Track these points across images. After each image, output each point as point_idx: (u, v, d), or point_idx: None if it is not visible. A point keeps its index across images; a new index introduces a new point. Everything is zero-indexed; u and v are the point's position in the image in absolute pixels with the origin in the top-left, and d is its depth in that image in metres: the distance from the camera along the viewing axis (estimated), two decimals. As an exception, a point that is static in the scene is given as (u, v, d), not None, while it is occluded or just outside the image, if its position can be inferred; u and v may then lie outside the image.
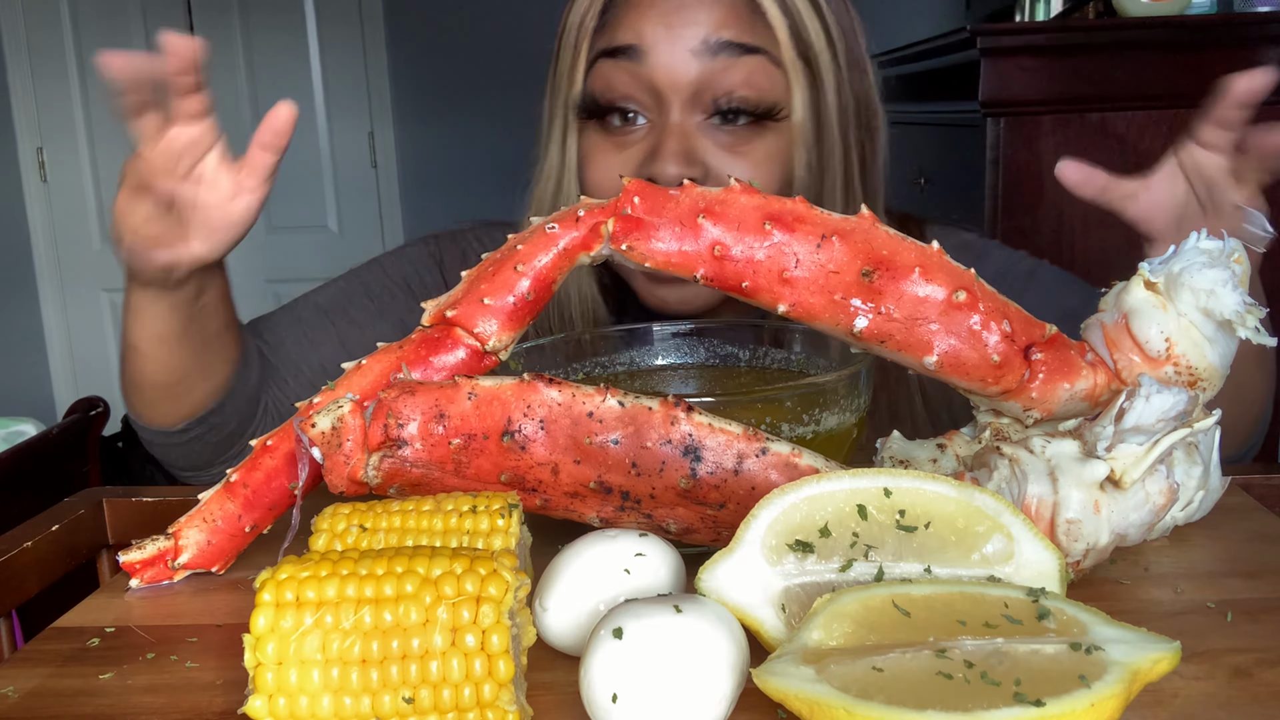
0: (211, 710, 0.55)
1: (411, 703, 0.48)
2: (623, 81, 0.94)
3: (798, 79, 0.95)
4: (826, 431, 0.71)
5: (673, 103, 0.94)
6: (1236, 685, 0.53)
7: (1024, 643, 0.47)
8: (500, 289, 0.67)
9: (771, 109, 0.94)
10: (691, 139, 0.94)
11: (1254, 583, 0.64)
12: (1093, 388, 0.66)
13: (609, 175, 0.97)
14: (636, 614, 0.50)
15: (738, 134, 0.94)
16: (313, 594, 0.48)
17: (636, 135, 0.96)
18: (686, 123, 0.94)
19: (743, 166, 0.94)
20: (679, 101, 0.94)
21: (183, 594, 0.70)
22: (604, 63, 0.96)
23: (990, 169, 1.96)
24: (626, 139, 0.96)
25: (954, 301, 0.63)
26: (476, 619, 0.48)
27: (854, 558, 0.55)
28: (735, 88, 0.92)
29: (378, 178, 4.00)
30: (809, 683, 0.45)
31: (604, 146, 0.97)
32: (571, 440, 0.60)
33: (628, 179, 0.66)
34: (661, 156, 0.92)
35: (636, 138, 0.96)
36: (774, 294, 0.64)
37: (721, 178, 0.92)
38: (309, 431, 0.61)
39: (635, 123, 0.96)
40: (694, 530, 0.63)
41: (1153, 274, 0.67)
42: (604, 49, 0.96)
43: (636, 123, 0.96)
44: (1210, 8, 1.99)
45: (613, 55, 0.95)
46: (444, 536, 0.60)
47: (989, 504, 0.55)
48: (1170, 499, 0.62)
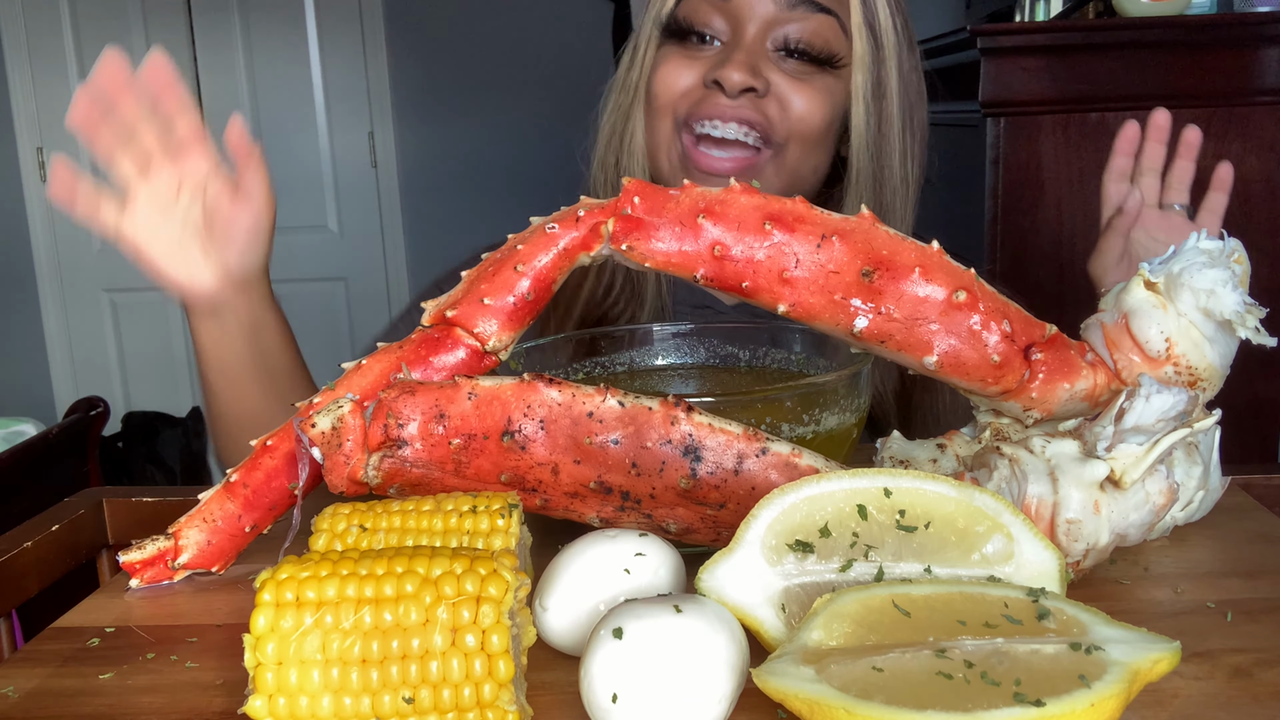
0: (211, 710, 0.55)
1: (411, 703, 0.48)
2: (707, 15, 1.04)
3: (861, 42, 1.04)
4: (826, 431, 0.71)
5: (748, 29, 1.03)
6: (1236, 685, 0.53)
7: (1024, 643, 0.47)
8: (500, 289, 0.67)
9: (832, 58, 1.04)
10: (759, 58, 1.02)
11: (1254, 583, 0.64)
12: (1093, 388, 0.66)
13: (676, 81, 1.05)
14: (636, 614, 0.50)
15: (800, 67, 1.04)
16: (313, 594, 0.48)
17: (708, 52, 1.05)
18: (757, 46, 1.03)
19: (800, 93, 1.03)
20: (754, 30, 1.03)
21: (183, 594, 0.70)
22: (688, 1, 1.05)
23: (990, 169, 1.96)
24: (699, 54, 1.05)
25: (954, 301, 0.63)
26: (476, 619, 0.48)
27: (854, 558, 0.55)
28: (804, 35, 1.02)
29: (378, 178, 3.99)
30: (809, 683, 0.45)
31: (677, 57, 1.06)
32: (571, 440, 0.60)
33: (628, 180, 0.66)
34: (730, 64, 1.01)
35: (708, 54, 1.05)
36: (774, 294, 0.64)
37: (782, 97, 1.03)
38: (309, 431, 0.61)
39: (710, 44, 1.05)
40: (694, 530, 0.63)
41: (1153, 274, 0.67)
42: None
43: (713, 45, 1.05)
44: (1210, 8, 1.99)
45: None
46: (444, 536, 0.60)
47: (989, 504, 0.55)
48: (1170, 499, 0.62)
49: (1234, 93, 1.87)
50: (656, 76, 1.06)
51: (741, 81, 1.00)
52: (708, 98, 1.03)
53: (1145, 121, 1.09)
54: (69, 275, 4.01)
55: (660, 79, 1.06)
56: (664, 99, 1.06)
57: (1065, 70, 1.90)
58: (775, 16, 1.02)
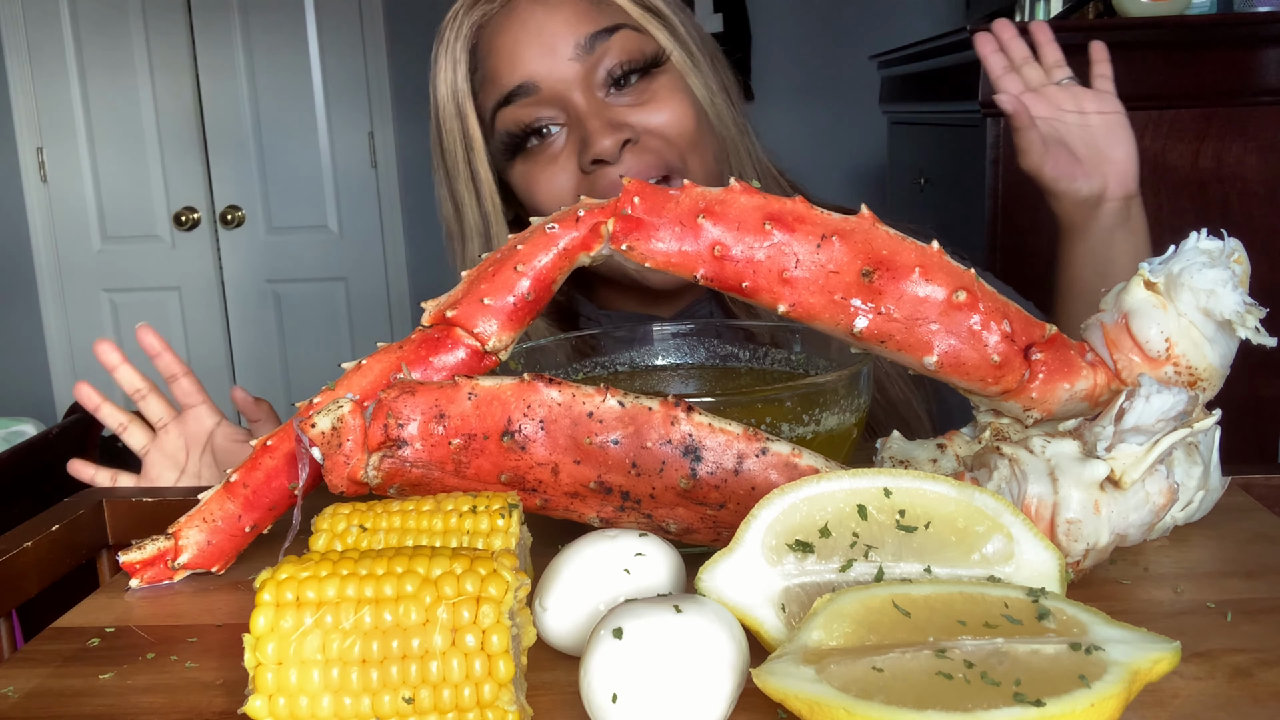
0: (211, 710, 0.55)
1: (411, 703, 0.48)
2: (528, 113, 1.01)
3: (656, 28, 1.03)
4: (826, 431, 0.71)
5: (574, 97, 1.00)
6: (1236, 685, 0.53)
7: (1024, 643, 0.47)
8: (500, 289, 0.67)
9: (655, 57, 1.02)
10: (606, 110, 1.00)
11: (1254, 583, 0.64)
12: (1093, 388, 0.66)
13: (559, 186, 1.02)
14: (636, 614, 0.50)
15: (638, 89, 1.01)
16: (313, 594, 0.48)
17: (558, 143, 1.02)
18: (594, 103, 1.00)
19: (658, 110, 1.01)
20: (579, 93, 1.00)
21: (183, 594, 0.70)
22: (505, 110, 1.02)
23: (990, 169, 1.96)
24: (552, 152, 1.02)
25: (954, 301, 0.63)
26: (476, 619, 0.48)
27: (854, 558, 0.55)
28: (620, 58, 1.00)
29: (378, 178, 3.99)
30: (809, 683, 0.45)
31: (538, 167, 1.03)
32: (571, 440, 0.60)
33: (628, 180, 0.66)
34: (593, 136, 0.97)
35: (559, 144, 1.01)
36: (774, 294, 0.64)
37: (649, 125, 1.00)
38: (309, 431, 0.61)
39: (550, 133, 1.02)
40: (694, 530, 0.63)
41: (1153, 274, 0.67)
42: (499, 101, 1.02)
43: (551, 132, 1.02)
44: (1210, 8, 1.99)
45: (509, 101, 1.01)
46: (444, 536, 0.60)
47: (989, 504, 0.55)
48: (1170, 499, 0.62)
49: (1234, 93, 1.87)
50: (538, 197, 1.03)
51: (615, 143, 0.97)
52: (598, 178, 0.99)
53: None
54: (69, 275, 4.01)
55: (543, 196, 1.02)
56: (557, 210, 1.03)
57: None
58: (583, 68, 0.99)
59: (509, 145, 1.03)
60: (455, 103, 1.05)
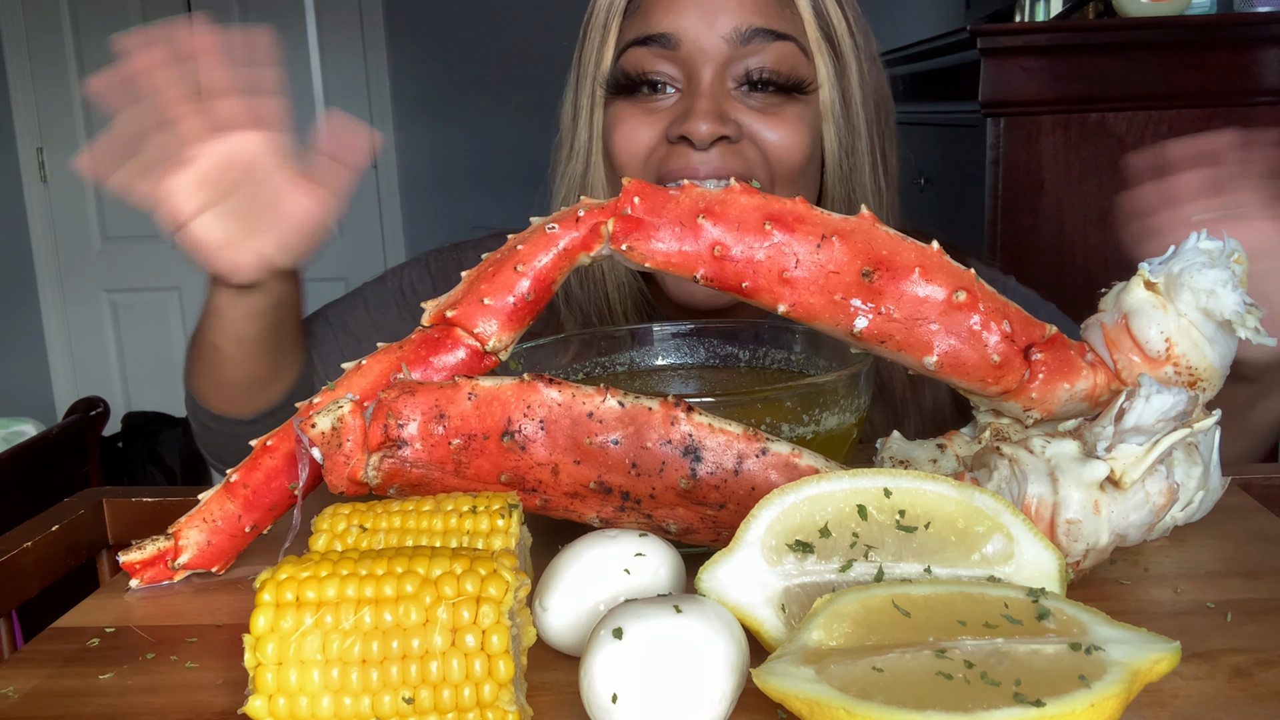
0: (211, 710, 0.55)
1: (411, 703, 0.48)
2: (654, 63, 0.97)
3: (823, 60, 0.99)
4: (826, 431, 0.71)
5: (703, 73, 0.96)
6: (1236, 685, 0.53)
7: (1024, 643, 0.47)
8: (500, 289, 0.67)
9: (800, 83, 0.98)
10: (723, 100, 0.96)
11: (1254, 583, 0.64)
12: (1093, 388, 0.66)
13: (637, 141, 0.98)
14: (636, 614, 0.50)
15: (768, 100, 0.97)
16: (313, 594, 0.48)
17: (665, 103, 0.99)
18: (718, 88, 0.96)
19: (774, 128, 0.97)
20: (711, 71, 0.96)
21: (183, 594, 0.70)
22: (636, 49, 0.98)
23: (990, 169, 1.96)
24: (655, 106, 0.99)
25: (954, 302, 0.63)
26: (476, 619, 0.48)
27: (854, 558, 0.55)
28: (767, 64, 0.96)
29: (378, 178, 3.99)
30: (809, 683, 0.45)
31: (632, 114, 0.99)
32: (571, 440, 0.60)
33: (628, 180, 0.66)
34: (694, 115, 0.94)
35: (665, 105, 0.98)
36: (774, 294, 0.64)
37: (757, 136, 0.96)
38: (309, 432, 0.61)
39: (664, 92, 0.98)
40: (694, 530, 0.63)
41: (1153, 274, 0.67)
42: (636, 38, 0.98)
43: (665, 92, 0.98)
44: (1210, 8, 1.99)
45: (645, 44, 0.98)
46: (444, 537, 0.60)
47: (989, 504, 0.55)
48: (1170, 499, 0.62)
49: (1234, 93, 1.87)
50: (614, 139, 0.99)
51: (710, 132, 0.93)
52: (676, 154, 0.96)
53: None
54: (69, 275, 4.01)
55: (619, 142, 0.99)
56: (629, 163, 0.99)
57: (1065, 70, 1.90)
58: (731, 54, 0.95)
59: (621, 83, 0.99)
60: (606, 15, 1.01)
